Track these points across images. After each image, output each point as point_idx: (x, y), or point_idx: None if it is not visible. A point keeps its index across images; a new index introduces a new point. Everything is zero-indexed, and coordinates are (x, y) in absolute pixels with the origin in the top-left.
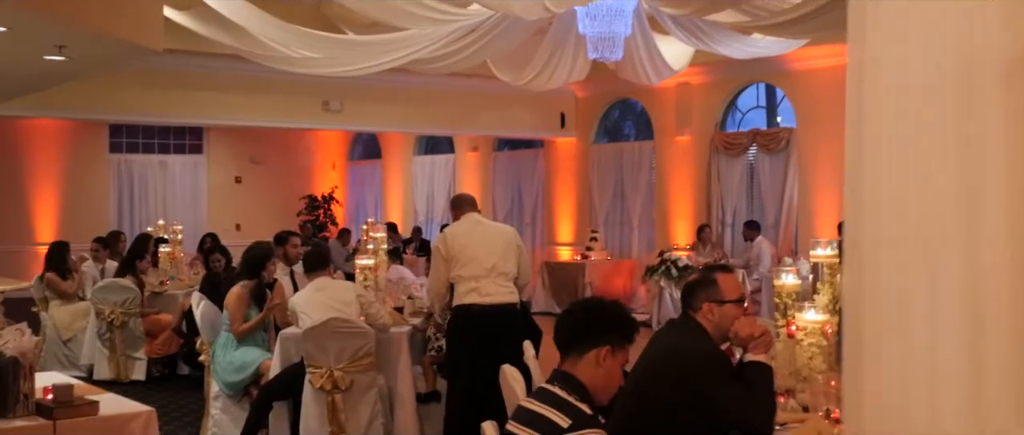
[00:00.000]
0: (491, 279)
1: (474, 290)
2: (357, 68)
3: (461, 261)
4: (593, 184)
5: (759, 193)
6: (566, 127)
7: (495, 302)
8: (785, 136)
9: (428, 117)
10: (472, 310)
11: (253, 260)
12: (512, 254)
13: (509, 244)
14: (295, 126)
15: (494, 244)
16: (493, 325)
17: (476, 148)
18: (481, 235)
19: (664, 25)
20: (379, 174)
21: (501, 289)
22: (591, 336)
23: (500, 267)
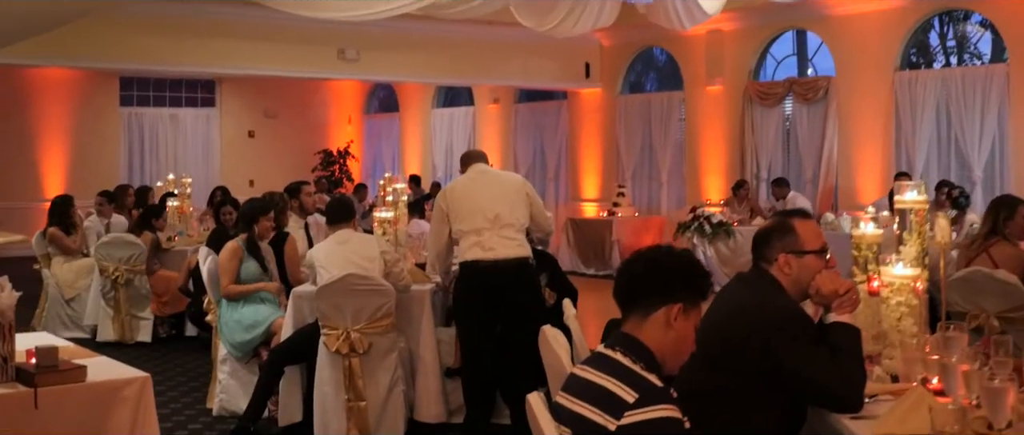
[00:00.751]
0: (495, 231)
1: (476, 244)
2: (373, 12)
3: (461, 213)
4: (619, 137)
5: (796, 146)
6: (591, 77)
7: (501, 257)
8: (824, 85)
9: (447, 67)
10: (477, 267)
11: (246, 213)
12: (521, 203)
13: (517, 192)
14: (310, 76)
15: (499, 193)
16: (499, 282)
17: (497, 100)
18: (484, 184)
19: None
20: (396, 128)
21: (508, 242)
22: (660, 291)
23: (506, 217)
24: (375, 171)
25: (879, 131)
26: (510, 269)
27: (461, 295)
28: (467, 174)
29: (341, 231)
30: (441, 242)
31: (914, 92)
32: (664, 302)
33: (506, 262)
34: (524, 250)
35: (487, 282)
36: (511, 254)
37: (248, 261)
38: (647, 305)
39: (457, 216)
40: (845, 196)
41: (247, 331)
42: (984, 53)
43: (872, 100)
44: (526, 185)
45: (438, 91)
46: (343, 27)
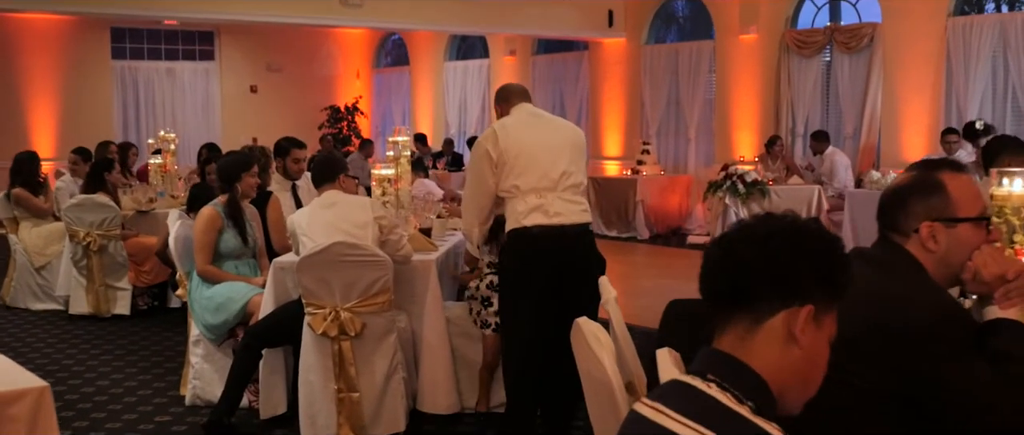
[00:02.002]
0: (559, 193)
1: (538, 208)
2: None
3: (517, 168)
4: (644, 91)
5: (836, 99)
6: (614, 26)
7: (568, 222)
8: (868, 32)
9: (459, 13)
10: (539, 235)
11: (225, 169)
12: (582, 159)
13: (578, 145)
14: (310, 23)
15: (561, 143)
16: (565, 257)
17: (513, 52)
18: (543, 132)
19: None
20: (407, 82)
21: (574, 206)
22: (783, 286)
23: (573, 176)
24: (384, 128)
25: (928, 83)
26: (578, 238)
27: (514, 271)
28: (516, 116)
29: (327, 193)
30: (487, 199)
31: (968, 39)
32: (787, 303)
33: (574, 229)
34: (588, 215)
35: (551, 254)
36: (578, 220)
37: (228, 231)
38: (759, 308)
39: (512, 170)
40: (887, 153)
41: (219, 312)
42: None
43: (921, 49)
44: (583, 138)
45: (450, 43)
46: None
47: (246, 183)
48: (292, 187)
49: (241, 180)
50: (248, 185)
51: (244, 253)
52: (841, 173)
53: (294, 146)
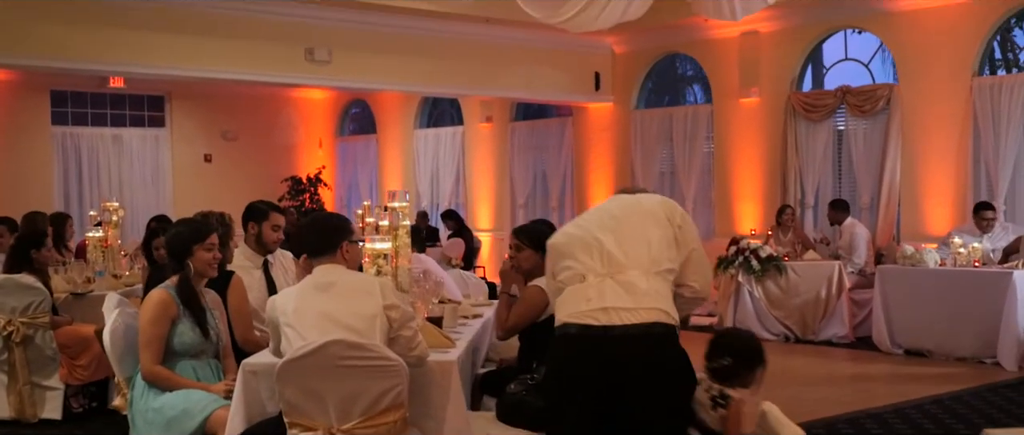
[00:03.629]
0: (616, 277)
1: (581, 296)
2: None
3: (566, 248)
4: (635, 159)
5: (850, 167)
6: (601, 90)
7: (618, 322)
8: (884, 94)
9: (435, 75)
10: (577, 338)
11: (173, 241)
12: (661, 231)
13: (653, 215)
14: (272, 80)
15: (623, 215)
16: (616, 369)
17: (490, 118)
18: (604, 209)
19: None
20: (374, 151)
21: (632, 297)
22: None
23: (638, 256)
24: (351, 200)
25: (952, 148)
26: (637, 344)
27: (550, 384)
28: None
29: (323, 268)
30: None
31: (997, 101)
32: None
33: (629, 331)
34: (664, 313)
35: (595, 366)
36: (638, 318)
37: (183, 321)
38: None
39: (560, 253)
40: (909, 226)
41: (173, 426)
42: None
43: (945, 111)
44: (674, 209)
45: (421, 110)
46: (313, 24)
47: (200, 259)
48: (264, 263)
49: (193, 255)
50: (203, 261)
51: (204, 350)
52: (861, 247)
53: (273, 210)
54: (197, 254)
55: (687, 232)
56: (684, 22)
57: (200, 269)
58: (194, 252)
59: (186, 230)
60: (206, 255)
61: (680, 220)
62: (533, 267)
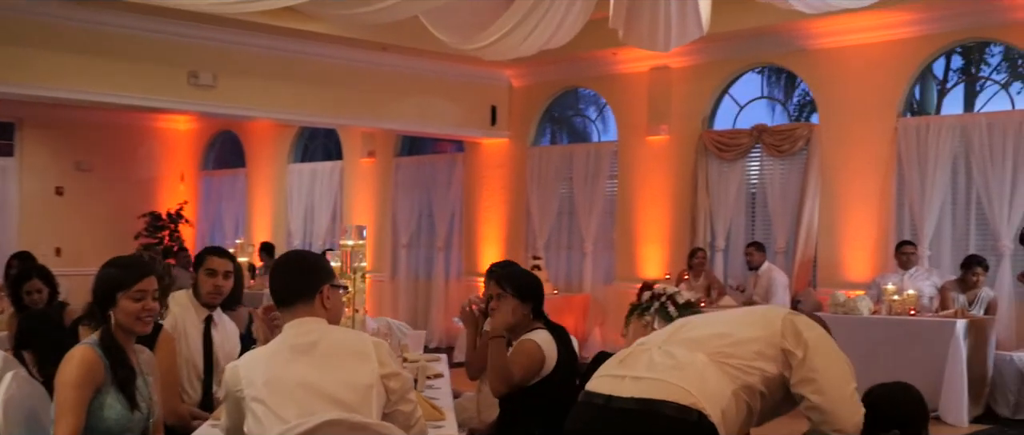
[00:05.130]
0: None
1: (616, 358)
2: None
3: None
4: (531, 198)
5: (764, 209)
6: (497, 125)
7: (623, 394)
8: (803, 134)
9: (328, 102)
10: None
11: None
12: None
13: (767, 321)
14: (149, 105)
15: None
16: None
17: (372, 153)
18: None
19: None
20: (242, 186)
21: (659, 368)
22: None
23: (710, 339)
24: (214, 238)
25: (874, 191)
26: (631, 422)
27: None
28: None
29: (299, 323)
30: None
31: (923, 143)
32: None
33: (628, 405)
34: (686, 392)
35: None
36: (648, 391)
37: (109, 391)
38: None
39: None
40: (826, 271)
41: None
42: (1018, 95)
43: (867, 153)
44: (794, 322)
45: (296, 142)
46: (196, 45)
47: (125, 310)
48: (206, 320)
49: (117, 305)
50: (129, 313)
51: (130, 428)
52: (780, 293)
53: (213, 254)
54: (122, 304)
55: (811, 360)
56: (588, 55)
57: (126, 323)
58: (118, 301)
59: (112, 273)
60: (133, 306)
61: (803, 349)
62: (517, 320)
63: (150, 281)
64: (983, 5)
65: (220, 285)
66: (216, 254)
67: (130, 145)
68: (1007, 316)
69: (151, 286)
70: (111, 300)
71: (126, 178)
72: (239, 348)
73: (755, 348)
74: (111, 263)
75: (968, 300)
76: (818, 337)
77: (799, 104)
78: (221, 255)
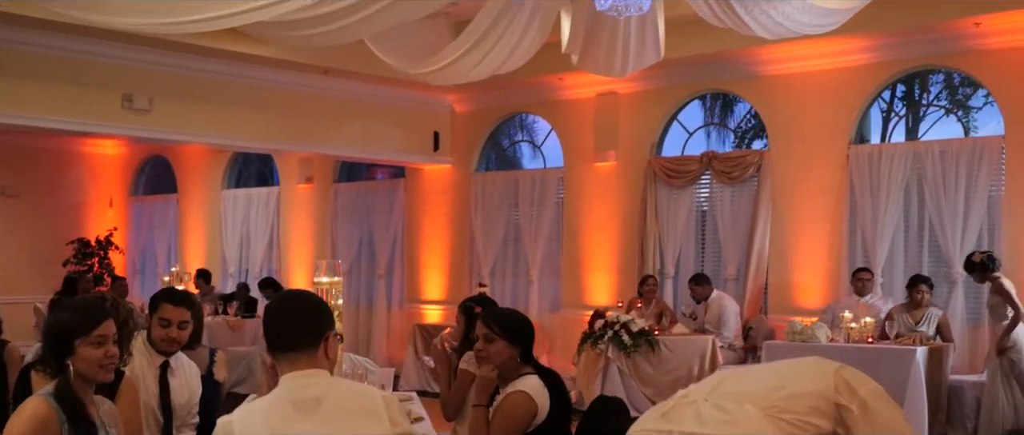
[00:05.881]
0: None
1: (658, 409)
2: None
3: None
4: (475, 224)
5: (715, 236)
6: (440, 150)
7: None
8: (754, 161)
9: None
10: None
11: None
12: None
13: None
14: (81, 130)
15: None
16: None
17: (310, 178)
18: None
19: None
20: (174, 212)
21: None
22: None
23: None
24: (144, 265)
25: (827, 218)
26: None
27: None
28: None
29: (301, 376)
30: None
31: (876, 170)
32: None
33: None
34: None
35: None
36: None
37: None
38: None
39: None
40: (778, 298)
41: None
42: (978, 125)
43: (819, 180)
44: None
45: (230, 167)
46: (132, 67)
47: (85, 358)
48: (162, 366)
49: (76, 352)
50: (90, 361)
51: None
52: (731, 321)
53: (166, 301)
54: (81, 351)
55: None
56: (533, 80)
57: (87, 372)
58: (77, 349)
59: (68, 318)
60: (94, 353)
61: (859, 405)
62: (505, 364)
63: (109, 325)
64: (932, 34)
65: (174, 336)
66: (171, 301)
67: (57, 170)
68: (960, 341)
69: (111, 330)
70: (68, 348)
71: (53, 204)
72: (201, 389)
73: (810, 402)
74: (65, 307)
75: (914, 319)
76: (872, 391)
77: (742, 130)
78: (177, 303)
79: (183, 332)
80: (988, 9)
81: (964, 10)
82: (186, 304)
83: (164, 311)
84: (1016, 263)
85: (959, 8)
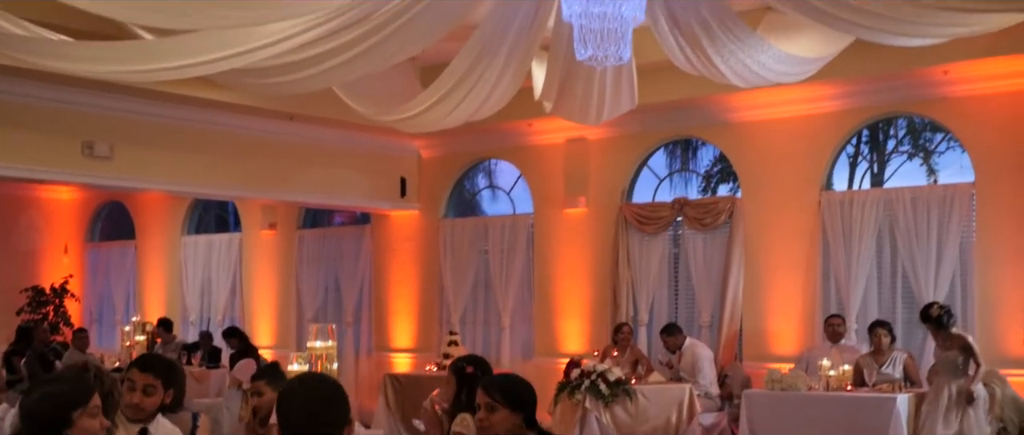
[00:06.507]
0: None
1: None
2: (153, 69)
3: None
4: (445, 270)
5: (688, 283)
6: (407, 196)
7: None
8: (726, 207)
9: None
10: None
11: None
12: None
13: None
14: (41, 178)
15: None
16: None
17: (273, 225)
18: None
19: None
20: (132, 259)
21: None
22: None
23: None
24: (102, 314)
25: (800, 264)
26: None
27: None
28: None
29: None
30: None
31: (848, 216)
32: None
33: None
34: None
35: None
36: None
37: None
38: None
39: None
40: (752, 345)
41: None
42: (947, 171)
43: (791, 226)
44: None
45: (190, 213)
46: (92, 113)
47: (85, 428)
48: (140, 433)
49: (74, 425)
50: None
51: None
52: (706, 368)
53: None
54: (80, 423)
55: None
56: (501, 126)
57: None
58: (76, 421)
59: (62, 390)
60: (92, 423)
61: None
62: (509, 433)
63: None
64: (902, 81)
65: (137, 402)
66: (138, 365)
67: (10, 215)
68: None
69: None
70: (66, 421)
71: (6, 250)
72: None
73: None
74: (52, 380)
75: (879, 363)
76: None
77: (708, 174)
78: (144, 368)
79: (149, 398)
80: (956, 58)
81: (933, 59)
82: (153, 370)
83: (131, 374)
84: (989, 308)
85: (928, 57)
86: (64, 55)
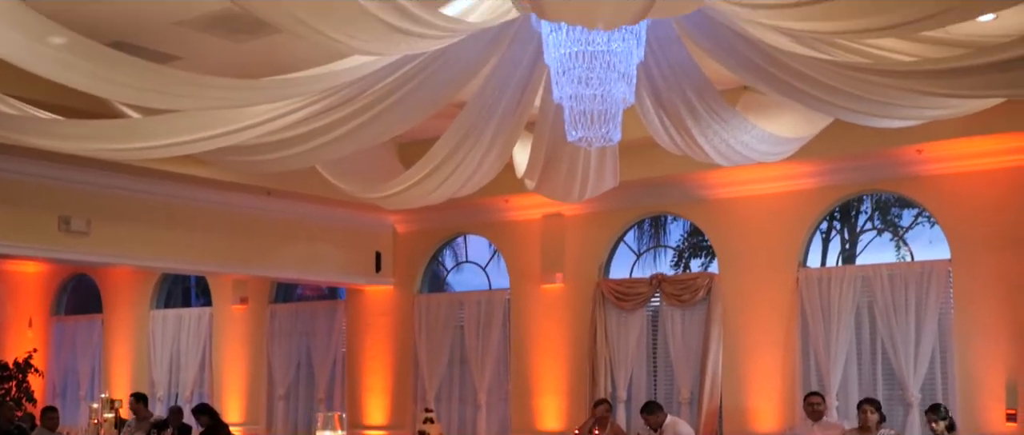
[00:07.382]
0: None
1: None
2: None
3: None
4: (420, 346)
5: (667, 359)
6: (382, 272)
7: None
8: (704, 283)
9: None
10: None
11: None
12: None
13: None
14: (16, 253)
15: None
16: None
17: (245, 299)
18: None
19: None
20: (98, 333)
21: None
22: None
23: None
24: (66, 389)
25: (779, 341)
26: None
27: None
28: None
29: None
30: None
31: (826, 293)
32: None
33: None
34: None
35: None
36: None
37: None
38: None
39: None
40: (733, 422)
41: None
42: (916, 246)
43: (769, 302)
44: None
45: (159, 287)
46: (71, 185)
47: None
48: None
49: None
50: None
51: None
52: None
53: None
54: None
55: None
56: (478, 201)
57: None
58: None
59: None
60: None
61: None
62: None
63: None
64: (876, 160)
65: None
66: None
67: None
68: None
69: None
70: None
71: None
72: None
73: None
74: None
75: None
76: None
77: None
78: None
79: None
80: (930, 137)
81: (907, 138)
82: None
83: None
84: (970, 385)
85: (902, 136)
86: (52, 133)
